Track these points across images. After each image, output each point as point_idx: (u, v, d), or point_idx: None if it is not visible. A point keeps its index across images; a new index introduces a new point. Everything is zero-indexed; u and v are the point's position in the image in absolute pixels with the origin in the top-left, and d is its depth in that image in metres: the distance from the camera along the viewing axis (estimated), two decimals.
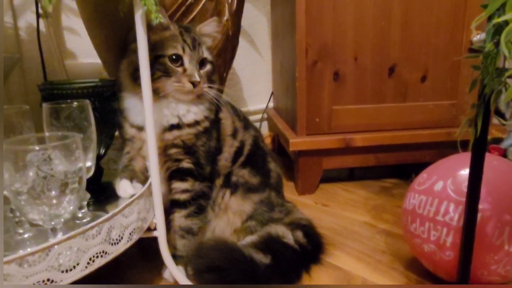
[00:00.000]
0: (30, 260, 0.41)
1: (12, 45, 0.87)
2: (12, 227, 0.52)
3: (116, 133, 0.73)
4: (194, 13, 0.78)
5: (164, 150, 0.69)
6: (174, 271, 0.63)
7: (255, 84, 1.55)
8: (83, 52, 1.07)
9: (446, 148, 1.07)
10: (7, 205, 0.52)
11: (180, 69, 0.66)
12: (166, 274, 0.70)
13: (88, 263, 0.46)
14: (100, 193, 0.64)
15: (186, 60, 0.66)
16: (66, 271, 0.44)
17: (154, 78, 0.63)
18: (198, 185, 0.71)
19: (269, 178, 0.83)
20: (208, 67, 0.70)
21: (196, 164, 0.70)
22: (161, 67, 0.65)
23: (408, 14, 1.04)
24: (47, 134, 0.51)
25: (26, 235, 0.52)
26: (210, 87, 0.70)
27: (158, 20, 0.53)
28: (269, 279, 0.64)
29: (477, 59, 0.47)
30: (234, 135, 0.78)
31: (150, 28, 0.61)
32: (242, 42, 1.30)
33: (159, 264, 0.70)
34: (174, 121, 0.68)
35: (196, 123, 0.70)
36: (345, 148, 1.08)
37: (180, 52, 0.66)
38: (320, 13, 1.00)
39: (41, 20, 0.93)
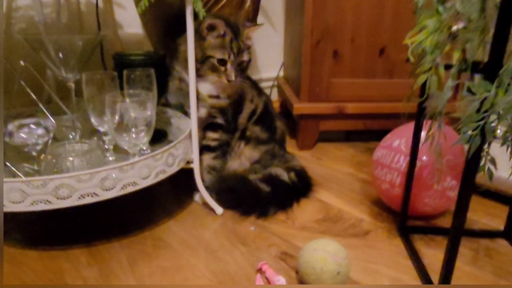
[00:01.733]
0: (124, 168, 0.68)
1: (92, 23, 1.10)
2: (102, 153, 0.79)
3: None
4: (223, 2, 1.01)
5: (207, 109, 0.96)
6: (204, 193, 0.91)
7: (268, 54, 1.77)
8: (127, 23, 1.31)
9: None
10: (100, 138, 0.79)
11: (222, 69, 0.89)
12: (196, 197, 0.98)
13: (155, 176, 0.73)
14: (154, 135, 0.91)
15: (228, 64, 0.89)
16: (144, 178, 0.71)
17: (203, 69, 0.88)
18: (225, 136, 0.97)
19: (275, 134, 1.08)
20: (244, 65, 0.93)
21: (226, 121, 0.97)
22: (209, 64, 0.89)
23: (399, 4, 1.24)
24: (127, 91, 0.76)
25: (110, 158, 0.79)
26: (242, 78, 0.93)
27: (202, 15, 0.76)
28: (269, 202, 0.92)
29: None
30: (251, 100, 1.03)
31: (211, 31, 0.86)
32: (259, 16, 1.51)
33: (189, 194, 0.99)
34: (214, 93, 0.94)
35: (228, 97, 0.96)
36: (339, 114, 1.32)
37: (226, 57, 0.88)
38: (325, 0, 1.21)
39: None
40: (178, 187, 1.06)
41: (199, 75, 0.88)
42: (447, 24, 0.53)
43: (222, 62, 0.89)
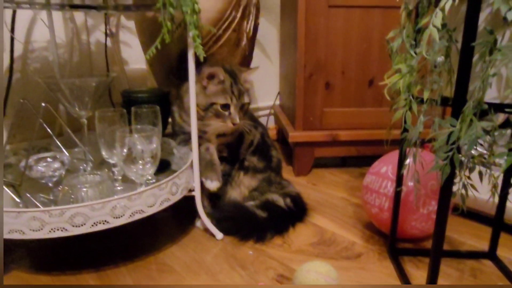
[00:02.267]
0: (132, 198, 0.74)
1: (101, 62, 1.20)
2: (112, 182, 0.85)
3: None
4: (221, 41, 1.09)
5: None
6: (205, 219, 0.97)
7: (264, 84, 1.86)
8: (132, 60, 1.40)
9: None
10: (110, 169, 0.86)
11: (226, 113, 0.97)
12: (198, 223, 1.04)
13: (160, 204, 0.80)
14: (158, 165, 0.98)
15: (232, 107, 0.96)
16: (150, 206, 0.77)
17: (208, 116, 0.96)
18: (227, 167, 1.04)
19: (271, 162, 1.15)
20: (245, 107, 1.01)
21: (230, 154, 1.05)
22: (213, 110, 0.96)
23: (385, 38, 1.33)
24: (134, 127, 0.84)
25: (119, 188, 0.86)
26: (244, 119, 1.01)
27: (202, 58, 0.84)
28: (267, 227, 0.98)
29: None
30: (249, 132, 1.11)
31: (211, 79, 0.94)
32: (255, 50, 1.61)
33: (191, 220, 1.05)
34: (222, 132, 1.01)
35: (232, 133, 1.04)
36: (332, 141, 1.39)
37: (228, 102, 0.95)
38: (316, 36, 1.31)
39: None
40: (181, 213, 1.12)
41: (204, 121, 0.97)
42: (416, 68, 0.60)
43: (226, 107, 0.96)
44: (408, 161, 0.86)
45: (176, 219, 1.09)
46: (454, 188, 0.64)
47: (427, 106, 0.62)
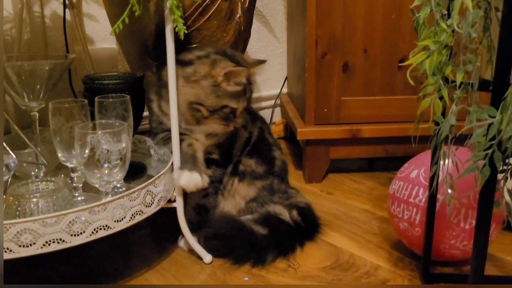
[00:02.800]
0: (95, 210, 0.76)
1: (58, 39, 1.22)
2: (70, 192, 0.88)
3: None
4: (210, 13, 1.11)
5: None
6: (190, 237, 0.99)
7: (268, 68, 1.88)
8: (99, 38, 1.43)
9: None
10: (68, 175, 0.89)
11: (232, 116, 1.02)
12: (181, 243, 1.05)
13: (130, 218, 0.82)
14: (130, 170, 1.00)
15: (238, 111, 1.02)
16: (117, 221, 0.79)
17: (212, 118, 1.00)
18: (218, 172, 1.07)
19: (273, 166, 1.17)
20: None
21: (221, 156, 1.07)
22: (222, 114, 1.00)
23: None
24: (99, 121, 0.86)
25: (79, 198, 0.88)
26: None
27: (182, 35, 0.86)
28: (266, 247, 1.00)
29: None
30: (245, 127, 1.13)
31: (227, 80, 0.98)
32: (256, 23, 1.63)
33: (172, 239, 1.07)
34: (213, 131, 1.04)
35: (225, 132, 1.06)
36: (353, 139, 1.41)
37: (240, 106, 1.01)
38: (331, 4, 1.33)
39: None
40: (159, 230, 1.14)
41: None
42: (447, 44, 0.62)
43: (234, 110, 1.01)
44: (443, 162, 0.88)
45: (154, 238, 1.12)
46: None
47: (461, 93, 0.63)
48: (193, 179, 0.94)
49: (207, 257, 0.99)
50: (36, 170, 0.93)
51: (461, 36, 0.62)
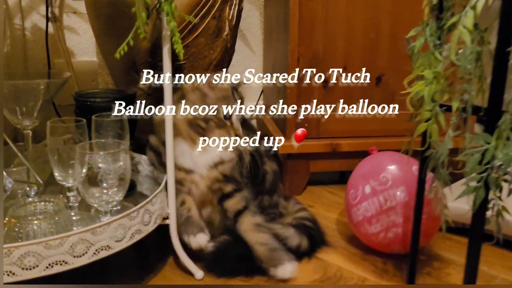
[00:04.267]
0: (98, 231, 0.77)
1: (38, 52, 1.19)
2: (66, 211, 0.87)
3: None
4: (199, 30, 1.13)
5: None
6: (181, 254, 1.00)
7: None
8: (80, 51, 1.42)
9: None
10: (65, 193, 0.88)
11: (228, 122, 1.03)
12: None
13: (130, 237, 0.82)
14: None
15: (233, 117, 1.03)
16: (118, 241, 0.80)
17: (209, 127, 1.01)
18: (246, 192, 1.08)
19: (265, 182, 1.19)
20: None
21: (236, 182, 1.07)
22: (217, 120, 1.01)
23: (396, 27, 1.42)
24: (97, 141, 0.86)
25: (74, 218, 0.88)
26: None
27: (182, 56, 0.88)
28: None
29: None
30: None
31: (212, 86, 1.00)
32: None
33: (160, 255, 1.07)
34: (217, 158, 1.04)
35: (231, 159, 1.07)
36: (332, 153, 1.46)
37: (231, 109, 1.02)
38: (312, 23, 1.37)
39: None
40: (147, 245, 1.14)
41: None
42: (444, 75, 0.67)
43: (228, 115, 1.03)
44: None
45: (141, 253, 1.12)
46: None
47: (456, 118, 0.68)
48: (202, 239, 0.99)
49: (199, 274, 1.01)
50: (28, 188, 0.92)
51: (457, 67, 0.67)
